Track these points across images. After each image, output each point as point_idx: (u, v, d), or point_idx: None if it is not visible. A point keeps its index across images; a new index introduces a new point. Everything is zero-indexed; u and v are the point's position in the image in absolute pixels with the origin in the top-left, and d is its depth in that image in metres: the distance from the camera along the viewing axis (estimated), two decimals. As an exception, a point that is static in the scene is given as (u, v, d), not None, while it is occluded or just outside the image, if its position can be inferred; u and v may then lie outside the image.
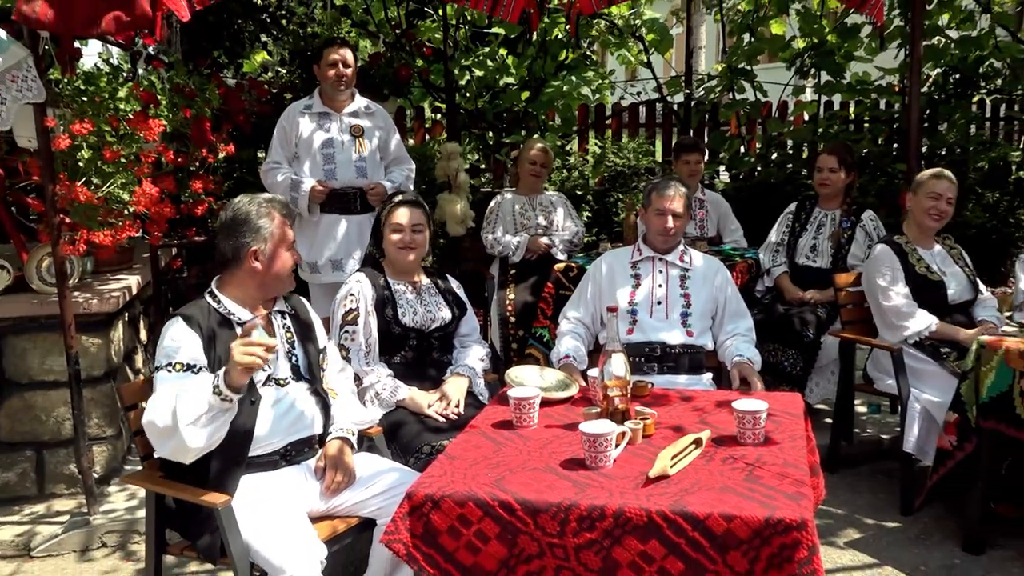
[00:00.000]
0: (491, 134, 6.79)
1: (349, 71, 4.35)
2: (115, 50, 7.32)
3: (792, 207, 4.84)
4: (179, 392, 2.30)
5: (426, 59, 6.81)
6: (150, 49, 5.27)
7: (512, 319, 4.75)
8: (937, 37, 7.06)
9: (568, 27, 7.04)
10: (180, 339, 2.47)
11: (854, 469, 4.13)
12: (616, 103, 7.75)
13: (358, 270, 3.37)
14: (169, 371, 2.42)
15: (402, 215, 3.25)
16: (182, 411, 2.25)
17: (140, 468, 2.65)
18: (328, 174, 4.35)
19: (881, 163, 6.63)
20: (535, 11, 5.09)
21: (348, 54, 4.36)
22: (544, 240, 4.88)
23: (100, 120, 3.60)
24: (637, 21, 7.87)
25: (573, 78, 7.56)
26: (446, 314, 3.33)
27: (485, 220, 5.05)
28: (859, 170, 5.00)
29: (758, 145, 7.28)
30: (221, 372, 2.27)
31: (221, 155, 4.43)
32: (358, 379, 3.12)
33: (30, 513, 3.74)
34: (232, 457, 2.45)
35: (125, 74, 5.46)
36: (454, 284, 3.48)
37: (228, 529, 2.34)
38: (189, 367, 2.43)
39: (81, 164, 3.57)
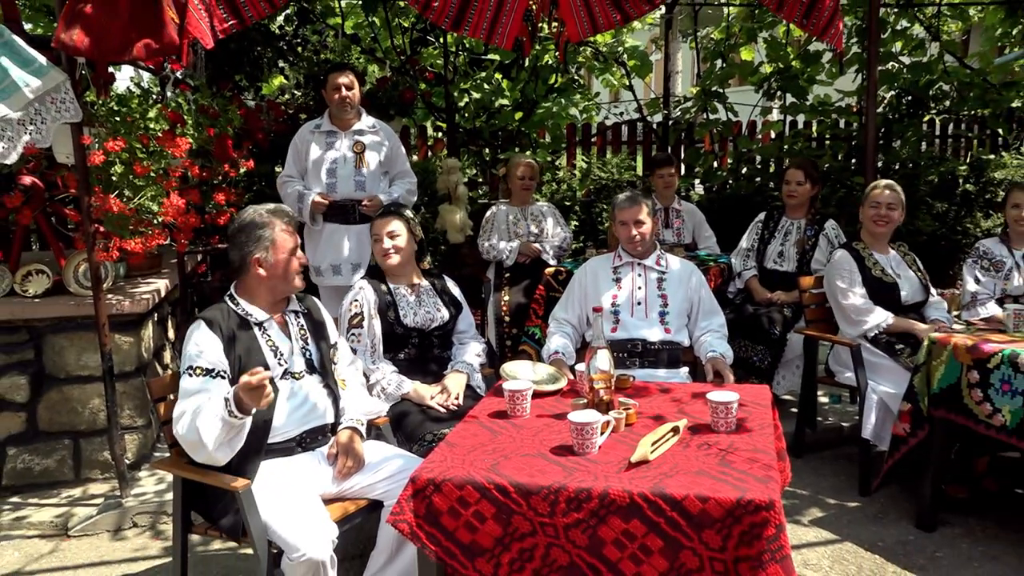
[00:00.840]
0: (487, 151, 6.79)
1: (351, 93, 4.32)
2: (145, 74, 7.29)
3: (761, 216, 4.84)
4: (199, 411, 2.33)
5: (428, 83, 6.81)
6: (177, 74, 5.26)
7: (507, 319, 4.74)
8: (891, 63, 7.09)
9: (557, 53, 7.05)
10: (202, 344, 2.47)
11: (817, 454, 4.13)
12: (601, 122, 7.74)
13: (362, 277, 3.37)
14: (191, 375, 2.44)
15: (379, 226, 3.26)
16: (206, 435, 2.30)
17: (168, 455, 2.64)
18: (330, 187, 4.33)
19: (841, 177, 6.63)
20: (527, 39, 5.08)
21: (351, 78, 4.34)
22: (535, 246, 4.87)
23: (132, 138, 3.59)
24: (620, 48, 7.90)
25: (562, 100, 7.58)
26: (444, 314, 3.33)
27: (481, 229, 5.04)
28: (822, 183, 5.01)
29: (729, 160, 7.29)
30: (231, 397, 2.27)
31: (242, 170, 4.43)
32: (365, 376, 3.10)
33: (68, 496, 3.73)
34: (252, 445, 2.44)
35: (154, 96, 5.46)
36: (450, 284, 3.47)
37: (248, 510, 2.33)
38: (208, 371, 2.44)
39: (114, 178, 3.56)
